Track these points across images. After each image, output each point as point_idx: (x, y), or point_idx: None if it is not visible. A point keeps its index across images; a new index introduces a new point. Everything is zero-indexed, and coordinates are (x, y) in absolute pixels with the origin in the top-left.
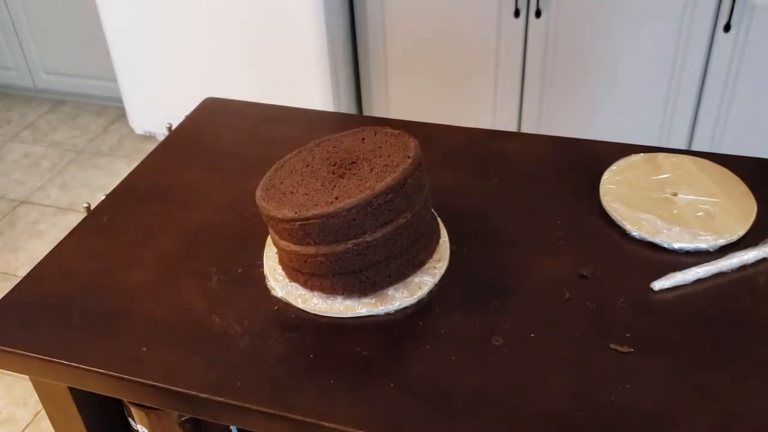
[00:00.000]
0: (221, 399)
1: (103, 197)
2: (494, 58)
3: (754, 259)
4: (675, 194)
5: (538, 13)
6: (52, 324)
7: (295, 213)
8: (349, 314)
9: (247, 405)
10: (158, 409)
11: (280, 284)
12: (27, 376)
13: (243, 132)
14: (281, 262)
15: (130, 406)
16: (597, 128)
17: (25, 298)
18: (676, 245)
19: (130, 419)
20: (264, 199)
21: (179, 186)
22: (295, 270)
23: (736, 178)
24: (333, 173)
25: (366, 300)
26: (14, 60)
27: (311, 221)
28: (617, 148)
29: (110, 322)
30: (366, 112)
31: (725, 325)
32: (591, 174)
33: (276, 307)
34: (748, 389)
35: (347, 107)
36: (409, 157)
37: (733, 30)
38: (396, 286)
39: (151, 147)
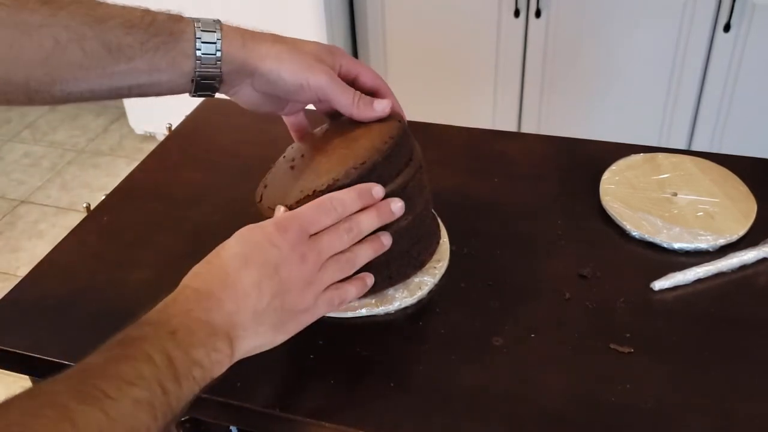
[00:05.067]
0: (221, 399)
1: (103, 197)
2: (494, 58)
3: (755, 259)
4: (675, 194)
5: (538, 13)
6: (52, 324)
7: None
8: (349, 314)
9: (247, 405)
10: None
11: None
12: (27, 376)
13: (243, 132)
14: None
15: None
16: (597, 128)
17: (25, 298)
18: (676, 245)
19: None
20: (263, 200)
21: (179, 186)
22: None
23: (736, 178)
24: None
25: (366, 300)
26: None
27: None
28: (617, 148)
29: (110, 322)
30: None
31: (725, 325)
32: (591, 174)
33: None
34: (748, 389)
35: None
36: (410, 158)
37: (733, 30)
38: (396, 286)
39: (151, 147)
